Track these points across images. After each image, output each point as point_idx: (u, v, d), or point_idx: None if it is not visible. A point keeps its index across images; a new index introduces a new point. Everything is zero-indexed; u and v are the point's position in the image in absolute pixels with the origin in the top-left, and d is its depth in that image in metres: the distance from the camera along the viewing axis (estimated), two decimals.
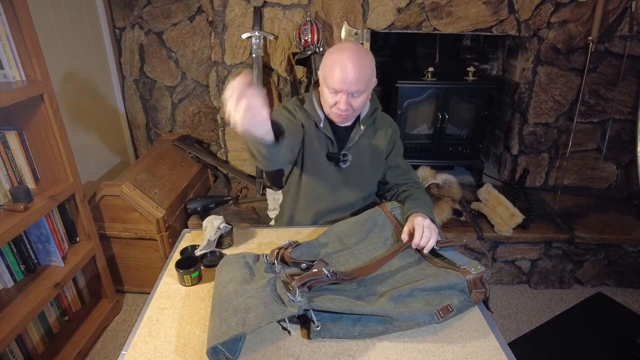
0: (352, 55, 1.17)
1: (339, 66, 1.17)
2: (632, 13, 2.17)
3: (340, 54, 1.19)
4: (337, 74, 1.17)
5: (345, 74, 1.17)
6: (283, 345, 0.93)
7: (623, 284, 2.28)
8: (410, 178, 1.45)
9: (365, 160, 1.39)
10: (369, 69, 1.21)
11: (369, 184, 1.45)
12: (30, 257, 1.73)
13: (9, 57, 1.55)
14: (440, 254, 1.13)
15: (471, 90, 2.49)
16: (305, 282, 0.98)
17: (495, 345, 0.93)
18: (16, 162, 1.66)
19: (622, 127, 2.43)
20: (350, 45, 1.22)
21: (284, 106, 1.38)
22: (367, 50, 1.24)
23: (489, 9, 2.16)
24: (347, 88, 1.19)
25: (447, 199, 2.25)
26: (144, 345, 0.95)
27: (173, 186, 2.32)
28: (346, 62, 1.17)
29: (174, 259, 1.24)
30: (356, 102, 1.23)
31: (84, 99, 2.39)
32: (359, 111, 1.31)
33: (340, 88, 1.19)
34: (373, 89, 1.32)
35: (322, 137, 1.35)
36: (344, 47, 1.21)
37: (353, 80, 1.17)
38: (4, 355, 1.56)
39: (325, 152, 1.35)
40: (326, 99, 1.26)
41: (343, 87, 1.19)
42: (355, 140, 1.35)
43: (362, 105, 1.26)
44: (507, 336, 1.97)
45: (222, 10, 2.28)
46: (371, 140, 1.38)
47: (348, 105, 1.22)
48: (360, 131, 1.35)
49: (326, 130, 1.33)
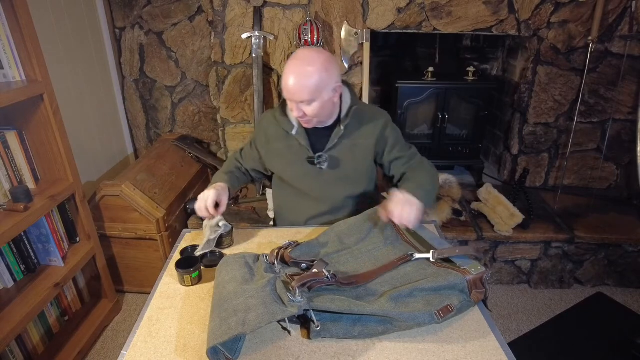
0: (296, 66, 1.20)
1: (285, 76, 1.22)
2: (632, 13, 2.17)
3: (288, 63, 1.22)
4: (284, 83, 1.22)
5: (288, 84, 1.21)
6: (283, 345, 0.93)
7: (623, 284, 2.28)
8: (414, 163, 1.41)
9: (349, 159, 1.38)
10: (314, 79, 1.19)
11: (358, 183, 1.43)
12: (30, 257, 1.73)
13: (9, 57, 1.55)
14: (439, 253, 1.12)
15: (471, 90, 2.49)
16: (305, 282, 0.98)
17: (495, 345, 0.93)
18: (16, 162, 1.66)
19: (622, 127, 2.43)
20: (300, 55, 1.22)
21: (257, 128, 1.50)
22: (321, 57, 1.21)
23: (489, 9, 2.16)
24: (292, 97, 1.23)
25: (447, 199, 2.25)
26: (144, 345, 0.95)
27: (173, 186, 2.32)
28: (290, 73, 1.20)
29: (174, 259, 1.24)
30: (309, 110, 1.24)
31: (84, 98, 2.39)
32: (319, 116, 1.29)
33: (287, 97, 1.24)
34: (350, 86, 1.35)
35: (297, 144, 1.38)
36: (294, 56, 1.23)
37: (295, 91, 1.21)
38: (4, 355, 1.56)
39: (304, 156, 1.38)
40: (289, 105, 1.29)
41: (289, 96, 1.23)
42: (336, 141, 1.35)
43: (317, 111, 1.25)
44: (507, 336, 1.97)
45: (222, 10, 2.28)
46: (355, 139, 1.37)
47: (302, 112, 1.25)
48: (340, 131, 1.34)
49: (300, 137, 1.36)
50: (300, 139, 1.36)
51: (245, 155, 1.53)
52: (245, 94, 2.49)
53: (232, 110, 2.54)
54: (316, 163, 1.36)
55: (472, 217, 2.29)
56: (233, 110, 2.54)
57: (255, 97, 2.33)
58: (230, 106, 2.53)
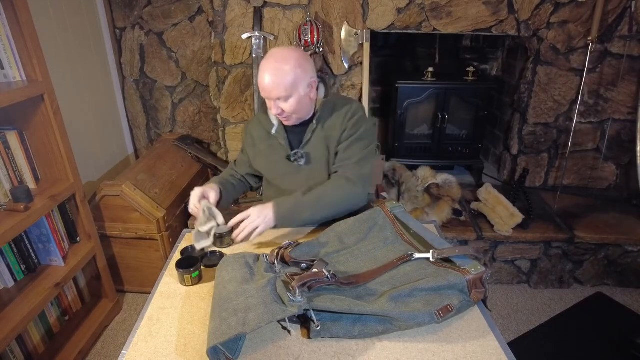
0: (270, 64, 1.23)
1: (260, 74, 1.24)
2: (632, 13, 2.17)
3: (263, 62, 1.25)
4: (260, 82, 1.24)
5: (264, 82, 1.23)
6: (283, 345, 0.93)
7: (623, 283, 2.28)
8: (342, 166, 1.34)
9: (323, 153, 1.39)
10: (290, 75, 1.22)
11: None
12: (31, 257, 1.73)
13: (9, 57, 1.55)
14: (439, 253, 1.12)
15: (471, 90, 2.50)
16: (306, 282, 0.98)
17: (495, 345, 0.93)
18: (16, 162, 1.66)
19: (621, 127, 2.43)
20: (273, 53, 1.26)
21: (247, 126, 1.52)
22: (295, 54, 1.24)
23: (489, 9, 2.16)
24: (268, 95, 1.26)
25: (447, 199, 2.25)
26: (145, 345, 0.95)
27: (173, 186, 2.32)
28: (264, 71, 1.23)
29: (174, 258, 1.24)
30: (287, 106, 1.27)
31: (85, 99, 2.39)
32: (298, 112, 1.30)
33: (264, 95, 1.27)
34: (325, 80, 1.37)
35: (277, 142, 1.41)
36: (268, 54, 1.26)
37: (271, 88, 1.23)
38: (4, 355, 1.56)
39: (284, 154, 1.41)
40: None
41: (265, 94, 1.26)
42: (309, 136, 1.37)
43: (295, 107, 1.27)
44: (507, 336, 1.97)
45: (222, 11, 2.29)
46: (326, 131, 1.37)
47: (279, 109, 1.27)
48: (313, 126, 1.36)
49: (279, 135, 1.39)
50: (280, 138, 1.40)
51: (238, 162, 1.60)
52: (246, 94, 2.49)
53: (232, 111, 2.55)
54: (293, 160, 1.39)
55: (472, 217, 2.29)
56: (233, 111, 2.55)
57: (255, 97, 2.33)
58: (231, 106, 2.53)
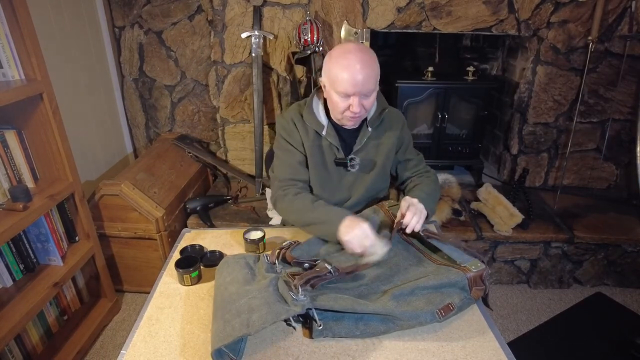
0: (358, 56, 1.16)
1: (347, 69, 1.15)
2: (632, 13, 2.17)
3: (348, 56, 1.16)
4: (347, 77, 1.15)
5: (355, 76, 1.14)
6: (282, 345, 0.93)
7: (622, 283, 2.28)
8: (421, 168, 1.44)
9: (375, 161, 1.37)
10: (376, 66, 1.20)
11: (381, 183, 1.43)
12: (30, 256, 1.72)
13: (8, 56, 1.54)
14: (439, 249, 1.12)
15: (471, 90, 2.49)
16: (308, 279, 0.98)
17: (495, 345, 0.93)
18: (15, 162, 1.65)
19: (621, 127, 2.43)
20: (353, 46, 1.19)
21: (283, 128, 1.35)
22: (365, 46, 1.23)
23: (489, 9, 2.16)
24: (359, 90, 1.17)
25: (446, 198, 2.25)
26: (144, 345, 0.95)
27: (172, 185, 2.31)
28: (354, 64, 1.14)
29: (173, 258, 1.23)
30: (368, 102, 1.22)
31: (83, 97, 2.38)
32: (370, 110, 1.30)
33: (352, 91, 1.17)
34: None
35: (326, 144, 1.33)
36: (348, 48, 1.18)
37: (364, 81, 1.15)
38: (3, 354, 1.56)
39: (332, 157, 1.34)
40: (336, 105, 1.22)
41: (355, 90, 1.16)
42: (363, 142, 1.33)
43: (372, 104, 1.27)
44: (507, 336, 1.97)
45: (221, 10, 2.28)
46: (380, 140, 1.36)
47: (361, 107, 1.20)
48: (367, 133, 1.33)
49: (330, 137, 1.31)
50: (331, 139, 1.31)
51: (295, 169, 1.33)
52: (245, 93, 2.49)
53: (232, 110, 2.54)
54: (349, 166, 1.33)
55: (472, 217, 2.29)
56: (232, 110, 2.54)
57: (255, 97, 2.32)
58: (230, 105, 2.53)
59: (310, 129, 1.32)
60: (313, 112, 1.32)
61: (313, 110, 1.32)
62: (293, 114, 1.35)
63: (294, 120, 1.33)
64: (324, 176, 1.36)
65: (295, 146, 1.34)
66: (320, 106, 1.33)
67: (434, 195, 1.34)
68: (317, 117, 1.32)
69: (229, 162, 2.72)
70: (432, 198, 1.32)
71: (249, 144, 2.62)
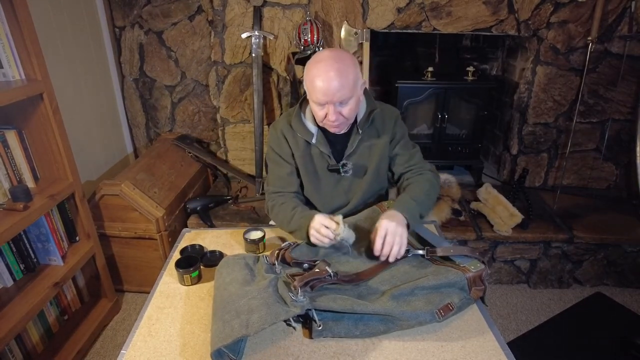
0: (330, 65, 1.14)
1: (319, 78, 1.14)
2: (632, 13, 2.17)
3: (318, 65, 1.16)
4: (319, 86, 1.14)
5: (326, 84, 1.14)
6: (282, 345, 0.93)
7: (622, 283, 2.28)
8: (414, 164, 1.39)
9: (369, 163, 1.36)
10: (352, 74, 1.16)
11: (378, 185, 1.42)
12: (30, 256, 1.72)
13: (8, 56, 1.54)
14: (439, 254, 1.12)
15: (471, 90, 2.49)
16: (308, 281, 0.98)
17: (495, 345, 0.93)
18: (16, 161, 1.66)
19: (621, 127, 2.43)
20: (328, 54, 1.18)
21: (272, 140, 1.37)
22: (347, 54, 1.20)
23: (489, 9, 2.16)
24: (331, 98, 1.16)
25: (446, 198, 2.25)
26: (144, 345, 0.95)
27: (172, 185, 2.32)
28: (326, 72, 1.14)
29: (173, 258, 1.24)
30: (346, 110, 1.20)
31: (84, 98, 2.38)
32: (353, 117, 1.27)
33: (324, 100, 1.16)
34: (366, 89, 1.30)
35: (317, 152, 1.33)
36: (321, 57, 1.17)
37: (336, 90, 1.14)
38: (3, 354, 1.56)
39: (324, 165, 1.34)
40: (315, 113, 1.23)
41: (327, 99, 1.16)
42: (355, 146, 1.32)
43: (353, 111, 1.23)
44: (506, 336, 1.97)
45: (221, 10, 2.28)
46: (372, 141, 1.35)
47: (338, 115, 1.19)
48: (358, 136, 1.32)
49: (320, 145, 1.31)
50: (321, 147, 1.31)
51: (284, 181, 1.37)
52: (245, 93, 2.49)
53: (232, 110, 2.55)
54: (342, 172, 1.33)
55: (472, 217, 2.29)
56: (233, 110, 2.55)
57: (255, 97, 2.33)
58: (230, 105, 2.53)
59: (300, 138, 1.32)
60: (301, 121, 1.32)
61: (301, 119, 1.32)
62: (282, 124, 1.36)
63: (283, 132, 1.34)
64: (318, 184, 1.36)
65: (284, 158, 1.36)
66: (309, 114, 1.32)
67: (426, 197, 1.28)
68: (306, 126, 1.32)
69: (229, 162, 2.72)
70: (423, 202, 1.26)
71: (249, 144, 2.63)
